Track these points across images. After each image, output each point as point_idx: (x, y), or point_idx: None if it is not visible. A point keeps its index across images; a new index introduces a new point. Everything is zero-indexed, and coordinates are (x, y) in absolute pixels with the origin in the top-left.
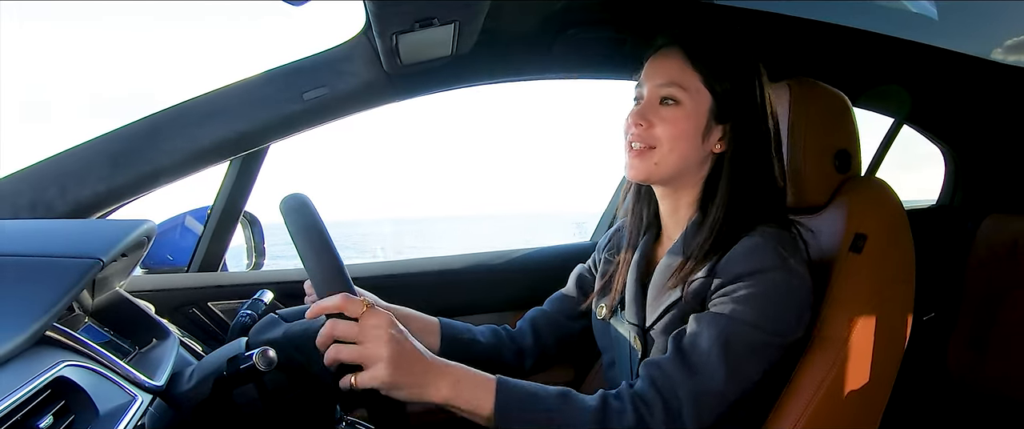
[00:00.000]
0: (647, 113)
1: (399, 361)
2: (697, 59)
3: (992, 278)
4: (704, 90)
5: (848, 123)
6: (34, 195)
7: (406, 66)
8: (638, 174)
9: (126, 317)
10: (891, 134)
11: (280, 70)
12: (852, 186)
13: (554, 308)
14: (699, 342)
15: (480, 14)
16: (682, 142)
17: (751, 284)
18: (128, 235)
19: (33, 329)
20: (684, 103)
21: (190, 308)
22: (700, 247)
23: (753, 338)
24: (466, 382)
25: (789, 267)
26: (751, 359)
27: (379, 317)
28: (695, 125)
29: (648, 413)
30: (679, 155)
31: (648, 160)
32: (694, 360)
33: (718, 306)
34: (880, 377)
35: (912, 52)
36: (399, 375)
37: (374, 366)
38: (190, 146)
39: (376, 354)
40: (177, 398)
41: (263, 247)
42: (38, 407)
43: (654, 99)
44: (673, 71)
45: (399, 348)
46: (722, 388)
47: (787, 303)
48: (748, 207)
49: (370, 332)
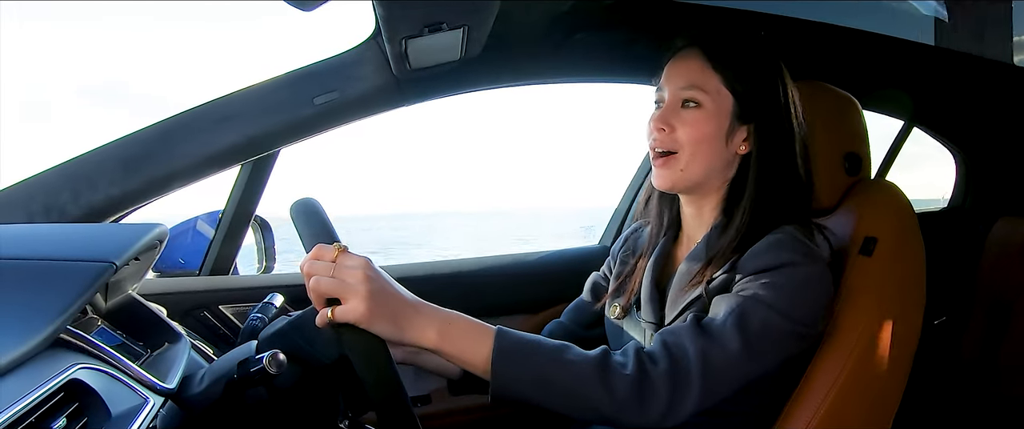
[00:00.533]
0: (668, 117)
1: (376, 297)
2: (717, 60)
3: (1004, 281)
4: (725, 91)
5: (857, 125)
6: (47, 200)
7: (415, 70)
8: (664, 183)
9: (138, 320)
10: (901, 136)
11: (291, 75)
12: (862, 189)
13: (570, 319)
14: (716, 315)
15: (489, 18)
16: (705, 145)
17: (772, 276)
18: (140, 239)
19: (47, 332)
20: (705, 105)
21: (201, 311)
22: (724, 249)
23: (769, 317)
24: (458, 327)
25: (810, 263)
26: (767, 338)
27: (354, 258)
28: (718, 127)
29: (652, 366)
30: (703, 159)
31: (674, 168)
32: (708, 328)
33: (738, 291)
34: (891, 380)
35: (922, 54)
36: (377, 309)
37: (351, 300)
38: (202, 150)
39: (352, 289)
40: (188, 401)
41: (273, 251)
42: (52, 409)
43: (675, 102)
44: (693, 73)
45: (376, 286)
46: (735, 356)
47: (806, 296)
48: (773, 208)
49: (344, 271)
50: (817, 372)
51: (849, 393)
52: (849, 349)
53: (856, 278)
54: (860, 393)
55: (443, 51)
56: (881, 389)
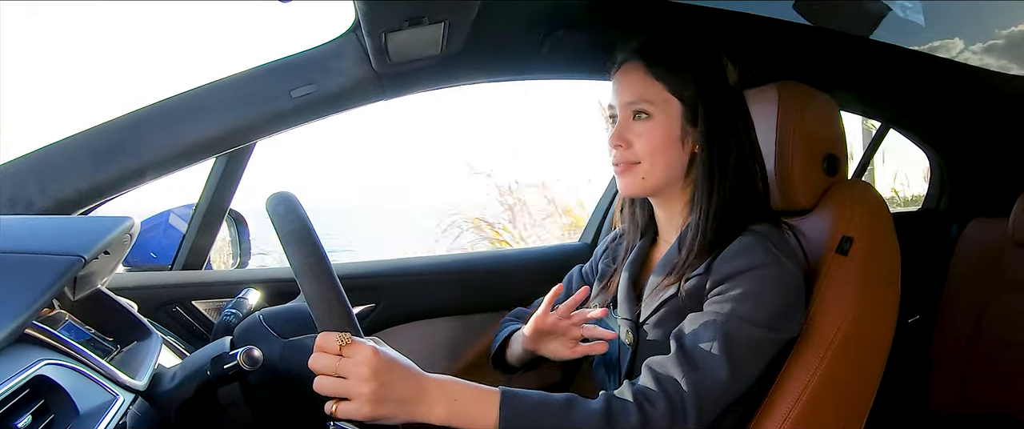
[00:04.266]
0: (623, 132)
1: (380, 394)
2: (658, 69)
3: (976, 281)
4: (672, 98)
5: (836, 126)
6: (13, 191)
7: (395, 65)
8: (629, 191)
9: (108, 315)
10: (878, 138)
11: (267, 67)
12: (839, 189)
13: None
14: (700, 340)
15: (470, 13)
16: (661, 153)
17: (745, 280)
18: (110, 232)
19: (12, 327)
20: (654, 115)
21: (174, 307)
22: (693, 245)
23: (752, 334)
24: (465, 398)
25: (781, 263)
26: (751, 355)
27: (359, 351)
28: (670, 133)
29: (651, 408)
30: (663, 165)
31: (635, 176)
32: (696, 356)
33: (715, 304)
34: (865, 378)
35: (899, 56)
36: (380, 408)
37: (354, 400)
38: (175, 143)
39: (355, 390)
40: (160, 398)
41: (248, 246)
42: (16, 406)
43: (626, 117)
44: (637, 86)
45: (379, 382)
46: (724, 382)
47: (781, 299)
48: (736, 203)
49: (349, 368)
50: (793, 369)
51: (824, 389)
52: (824, 346)
53: (832, 277)
54: (835, 389)
55: (424, 46)
56: (855, 386)
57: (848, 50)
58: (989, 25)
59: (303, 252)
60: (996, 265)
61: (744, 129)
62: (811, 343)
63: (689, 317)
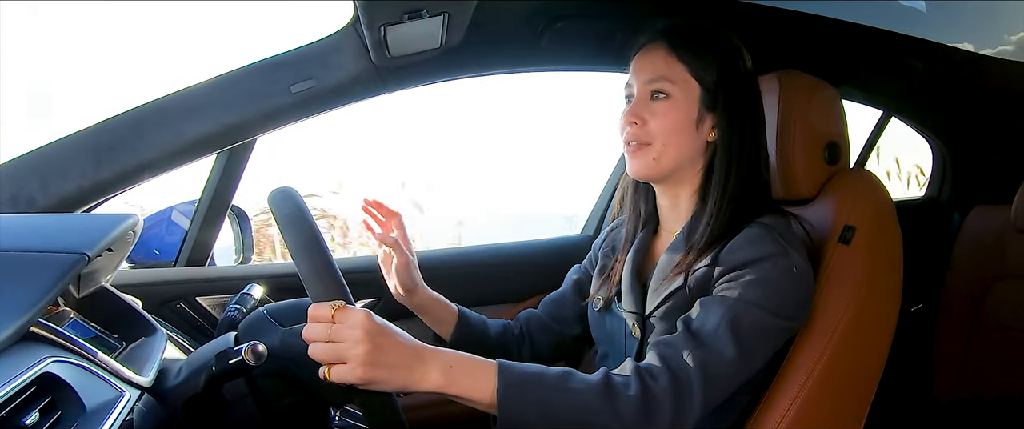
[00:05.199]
0: (639, 110)
1: (373, 357)
2: (681, 50)
3: (978, 269)
4: (692, 81)
5: (837, 116)
6: (15, 189)
7: (395, 58)
8: (638, 171)
9: (113, 312)
10: (879, 127)
11: (267, 62)
12: (841, 178)
13: (548, 313)
14: (708, 321)
15: (469, 6)
16: (676, 135)
17: (754, 271)
18: (113, 229)
19: (18, 325)
20: (674, 96)
21: (178, 303)
22: (703, 236)
23: (760, 318)
24: (460, 367)
25: (790, 254)
26: (759, 339)
27: (351, 316)
28: (687, 116)
29: (654, 382)
30: (675, 148)
31: (647, 156)
32: (703, 336)
33: (724, 291)
34: (868, 366)
35: (900, 45)
36: (374, 371)
37: (348, 363)
38: (176, 139)
39: (348, 352)
40: (165, 393)
41: (251, 241)
42: (24, 403)
43: (644, 95)
44: (659, 65)
45: (373, 344)
46: (732, 363)
47: (790, 289)
48: (746, 193)
49: (342, 332)
50: (797, 358)
51: (828, 378)
52: (828, 335)
53: (835, 266)
54: (838, 378)
55: (423, 39)
56: (859, 374)
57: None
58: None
59: (297, 232)
60: (998, 253)
61: (758, 118)
62: (814, 332)
63: (697, 302)
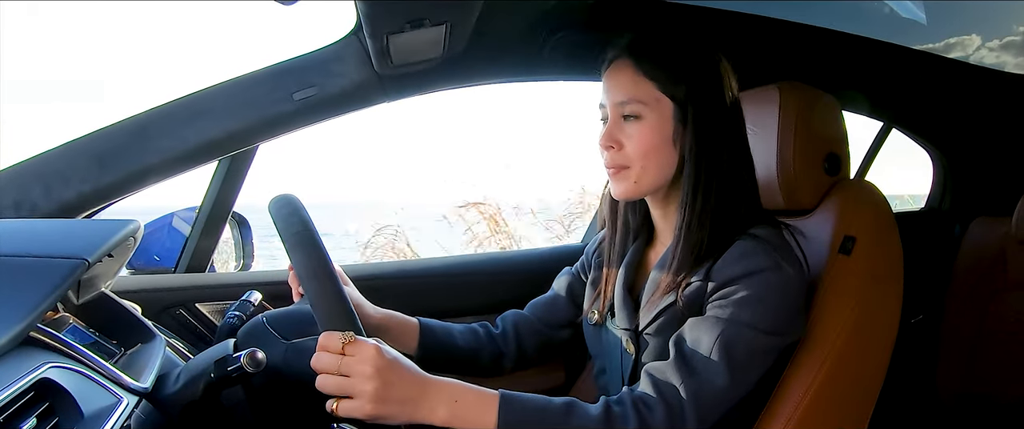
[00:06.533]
0: (614, 134)
1: (383, 394)
2: (647, 66)
3: (979, 280)
4: (663, 98)
5: (837, 126)
6: (17, 195)
7: (397, 66)
8: (622, 194)
9: (112, 318)
10: (880, 137)
11: (270, 70)
12: (841, 188)
13: (536, 315)
14: (700, 346)
15: (471, 15)
16: (653, 155)
17: (746, 286)
18: (114, 235)
19: (16, 330)
20: (646, 116)
21: (177, 309)
22: (693, 253)
23: (753, 340)
24: (465, 401)
25: (782, 268)
26: (752, 361)
27: (362, 350)
28: (662, 135)
29: (649, 414)
30: (655, 167)
31: (627, 180)
32: (696, 362)
33: (716, 310)
34: (868, 378)
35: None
36: (382, 407)
37: (357, 399)
38: (178, 146)
39: (357, 388)
40: (164, 400)
41: (252, 248)
42: (21, 409)
43: (617, 117)
44: (627, 86)
45: (382, 380)
46: (724, 389)
47: (782, 303)
48: (729, 205)
49: (353, 367)
50: (796, 370)
51: (828, 390)
52: (828, 347)
53: (835, 277)
54: (838, 390)
55: (425, 48)
56: (859, 385)
57: (850, 50)
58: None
59: (306, 254)
60: (999, 264)
61: (738, 129)
62: (814, 344)
63: (689, 322)
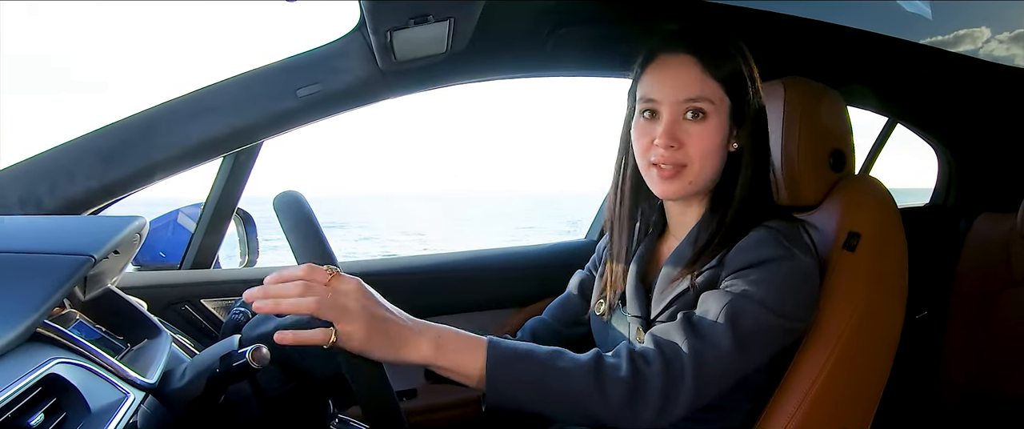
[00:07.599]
0: (676, 132)
1: (372, 321)
2: (714, 67)
3: (984, 276)
4: (726, 98)
5: (842, 122)
6: (24, 191)
7: (401, 63)
8: (674, 193)
9: (118, 314)
10: (885, 133)
11: (274, 67)
12: (846, 184)
13: (554, 317)
14: (708, 313)
15: (475, 11)
16: (713, 156)
17: (758, 271)
18: (120, 232)
19: (24, 326)
20: (711, 116)
21: (183, 305)
22: (710, 244)
23: (760, 314)
24: (449, 341)
25: (795, 256)
26: (758, 335)
27: (348, 282)
28: (722, 136)
29: (645, 366)
30: (711, 168)
31: (683, 180)
32: (702, 326)
33: (727, 287)
34: (873, 374)
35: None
36: (374, 334)
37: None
38: (182, 142)
39: (350, 314)
40: (170, 396)
41: (256, 244)
42: (29, 404)
43: (678, 115)
44: (693, 83)
45: (371, 311)
46: (727, 355)
47: (793, 290)
48: (759, 200)
49: (340, 295)
50: (801, 364)
51: (832, 385)
52: (832, 342)
53: (839, 273)
54: (843, 385)
55: (429, 44)
56: (863, 381)
57: (855, 46)
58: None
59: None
60: (1004, 260)
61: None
62: (819, 339)
63: (700, 297)
